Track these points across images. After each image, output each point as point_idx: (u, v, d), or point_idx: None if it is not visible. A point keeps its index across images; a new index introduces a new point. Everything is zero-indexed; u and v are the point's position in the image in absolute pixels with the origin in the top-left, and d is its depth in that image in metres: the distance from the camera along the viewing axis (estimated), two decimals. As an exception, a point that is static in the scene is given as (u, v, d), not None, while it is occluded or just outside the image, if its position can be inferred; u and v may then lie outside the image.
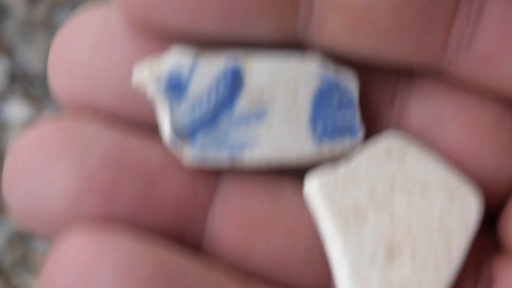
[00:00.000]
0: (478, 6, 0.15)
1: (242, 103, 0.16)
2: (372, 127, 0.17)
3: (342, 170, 0.16)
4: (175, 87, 0.15)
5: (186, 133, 0.15)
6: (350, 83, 0.16)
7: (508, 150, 0.17)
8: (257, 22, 0.15)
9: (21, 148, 0.15)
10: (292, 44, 0.16)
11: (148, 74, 0.15)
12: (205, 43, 0.16)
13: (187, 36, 0.16)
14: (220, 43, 0.16)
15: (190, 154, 0.16)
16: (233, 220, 0.16)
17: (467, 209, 0.16)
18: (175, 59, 0.15)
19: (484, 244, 0.17)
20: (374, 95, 0.17)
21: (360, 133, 0.16)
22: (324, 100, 0.16)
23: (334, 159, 0.16)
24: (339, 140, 0.16)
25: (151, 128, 0.16)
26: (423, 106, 0.17)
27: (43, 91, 0.64)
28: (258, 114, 0.16)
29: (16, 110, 0.62)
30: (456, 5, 0.15)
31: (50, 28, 0.61)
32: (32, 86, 0.62)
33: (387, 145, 0.16)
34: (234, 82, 0.16)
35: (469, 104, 0.17)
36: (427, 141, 0.17)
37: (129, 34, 0.16)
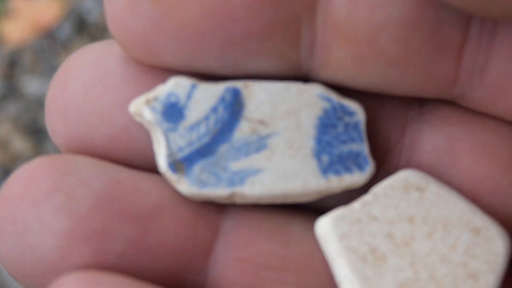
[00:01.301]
0: (490, 32, 0.15)
1: (242, 132, 0.15)
2: (383, 160, 0.16)
3: (356, 208, 0.15)
4: (172, 114, 0.15)
5: (182, 165, 0.15)
6: (356, 112, 0.15)
7: None
8: (257, 57, 0.15)
9: (11, 185, 0.15)
10: (296, 77, 0.15)
11: (144, 102, 0.15)
12: (204, 77, 0.15)
13: (186, 71, 0.15)
14: (220, 77, 0.15)
15: (187, 188, 0.15)
16: (238, 263, 0.15)
17: (493, 247, 0.15)
18: (172, 86, 0.15)
19: None
20: (384, 126, 0.16)
21: (370, 167, 0.15)
22: (328, 128, 0.15)
23: (344, 195, 0.15)
24: (348, 174, 0.15)
25: (147, 166, 0.15)
26: (436, 137, 0.16)
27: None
28: (259, 144, 0.15)
29: None
30: (465, 33, 0.15)
31: None
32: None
33: (404, 182, 0.15)
34: (234, 104, 0.15)
35: (484, 134, 0.16)
36: (441, 175, 0.16)
37: (121, 72, 0.15)
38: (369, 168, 0.15)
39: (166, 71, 0.15)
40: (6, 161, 0.59)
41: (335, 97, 0.15)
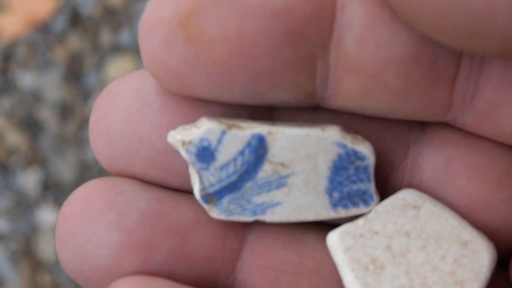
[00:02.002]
0: (478, 66, 0.16)
1: (265, 171, 0.17)
2: (388, 178, 0.18)
3: (360, 224, 0.17)
4: (204, 156, 0.17)
5: (213, 198, 0.17)
6: (367, 156, 0.17)
7: None
8: (279, 90, 0.16)
9: (71, 204, 0.17)
10: (312, 106, 0.17)
11: (181, 143, 0.17)
12: (232, 108, 0.17)
13: (216, 101, 0.17)
14: (248, 106, 0.17)
15: (216, 215, 0.17)
16: (260, 269, 0.17)
17: (479, 258, 0.17)
18: (205, 132, 0.17)
19: (499, 286, 0.18)
20: (389, 147, 0.18)
21: (374, 203, 0.17)
22: (341, 170, 0.17)
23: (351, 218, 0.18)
24: (354, 208, 0.17)
25: (183, 185, 0.18)
26: (435, 158, 0.18)
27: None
28: (280, 182, 0.17)
29: (48, 215, 0.64)
30: (457, 66, 0.16)
31: (80, 142, 0.63)
32: (62, 194, 0.64)
33: (402, 200, 0.17)
34: (259, 148, 0.17)
35: (478, 156, 0.17)
36: (440, 194, 0.18)
37: (159, 101, 0.17)
38: (373, 203, 0.17)
39: (199, 101, 0.17)
40: (1, 155, 0.60)
41: (349, 143, 0.17)
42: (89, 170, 0.65)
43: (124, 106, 0.17)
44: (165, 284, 0.16)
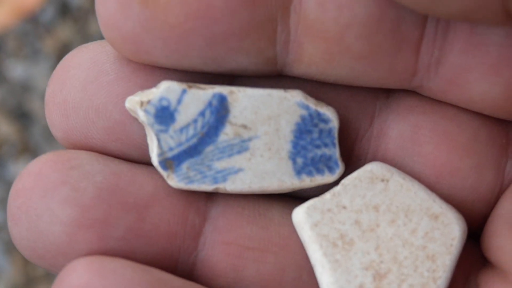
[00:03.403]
0: (443, 29, 0.16)
1: (226, 134, 0.16)
2: (353, 147, 0.18)
3: (327, 199, 0.17)
4: (163, 117, 0.16)
5: (172, 163, 0.16)
6: (331, 119, 0.17)
7: (484, 165, 0.17)
8: (238, 55, 0.16)
9: (23, 178, 0.16)
10: (274, 73, 0.17)
11: (139, 103, 0.16)
12: (191, 76, 0.17)
13: (174, 67, 0.16)
14: (206, 75, 0.17)
15: (175, 183, 0.16)
16: (223, 245, 0.17)
17: (450, 231, 0.16)
18: (164, 91, 0.16)
19: (471, 259, 0.17)
20: (354, 115, 0.17)
21: (340, 169, 0.17)
22: (304, 133, 0.17)
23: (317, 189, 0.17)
24: (319, 175, 0.17)
25: (141, 156, 0.17)
26: (401, 126, 0.17)
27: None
28: (241, 146, 0.16)
29: None
30: (422, 29, 0.16)
31: None
32: None
33: (370, 173, 0.17)
34: (220, 109, 0.16)
35: (445, 122, 0.17)
36: (406, 162, 0.17)
37: (115, 70, 0.17)
38: (339, 170, 0.17)
39: (156, 69, 0.17)
40: (-8, 146, 0.60)
41: (313, 105, 0.17)
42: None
43: (79, 77, 0.17)
44: (123, 264, 0.16)
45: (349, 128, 0.17)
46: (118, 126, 0.17)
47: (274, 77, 0.17)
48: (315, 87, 0.17)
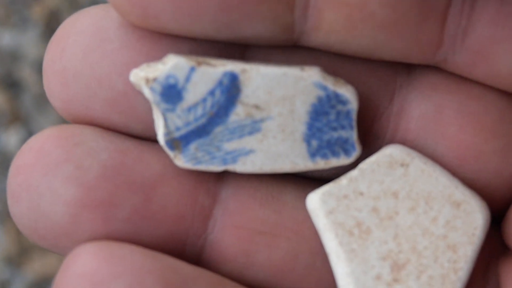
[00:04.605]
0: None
1: (237, 114, 0.15)
2: (371, 126, 0.17)
3: (344, 184, 0.16)
4: (170, 95, 0.15)
5: (179, 143, 0.15)
6: (350, 100, 0.16)
7: (510, 149, 0.16)
8: (253, 21, 0.15)
9: (24, 154, 0.16)
10: (290, 43, 0.16)
11: (144, 80, 0.15)
12: (202, 42, 0.16)
13: (183, 34, 0.15)
14: (217, 43, 0.16)
15: (182, 163, 0.16)
16: (234, 228, 0.16)
17: (472, 220, 0.16)
18: (171, 68, 0.15)
19: (491, 246, 0.17)
20: (373, 92, 0.16)
21: (356, 154, 0.16)
22: (320, 115, 0.16)
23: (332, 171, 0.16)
24: (334, 158, 0.16)
25: (145, 131, 0.16)
26: (424, 105, 0.16)
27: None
28: (253, 127, 0.16)
29: None
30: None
31: None
32: None
33: (389, 158, 0.16)
34: (232, 88, 0.15)
35: (470, 101, 0.16)
36: (428, 143, 0.16)
37: (120, 37, 0.16)
38: (356, 154, 0.16)
39: (163, 37, 0.16)
40: (-18, 115, 0.59)
41: (331, 85, 0.16)
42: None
43: (81, 44, 0.16)
44: (132, 250, 0.15)
45: (367, 105, 0.16)
46: (122, 97, 0.16)
47: (289, 48, 0.16)
48: (332, 60, 0.16)
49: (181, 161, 0.16)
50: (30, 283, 0.66)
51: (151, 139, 0.16)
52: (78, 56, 0.16)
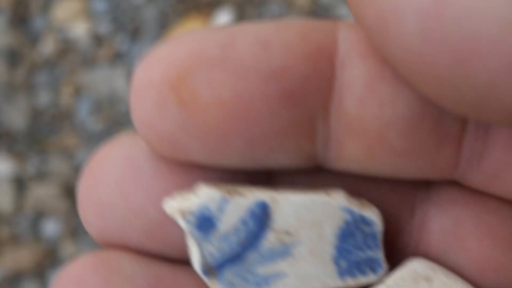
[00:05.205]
0: (485, 126, 0.16)
1: (269, 241, 0.16)
2: (395, 239, 0.17)
3: None
4: (205, 226, 0.16)
5: (214, 271, 0.16)
6: (375, 222, 0.16)
7: None
8: (277, 153, 0.16)
9: (63, 283, 0.16)
10: (312, 168, 0.16)
11: (179, 212, 0.16)
12: (229, 173, 0.16)
13: (212, 166, 0.16)
14: (244, 172, 0.16)
15: None
16: None
17: None
18: (204, 199, 0.16)
19: None
20: (395, 207, 0.17)
21: (383, 272, 0.17)
22: (348, 237, 0.16)
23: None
24: (362, 276, 0.16)
25: (180, 256, 0.16)
26: (443, 219, 0.17)
27: (26, 146, 0.64)
28: (284, 251, 0.16)
29: (2, 165, 0.62)
30: (463, 125, 0.16)
31: (30, 88, 0.61)
32: (15, 143, 0.63)
33: (413, 272, 0.16)
34: (263, 216, 0.16)
35: (487, 215, 0.17)
36: (449, 256, 0.17)
37: (151, 168, 0.16)
38: (382, 271, 0.17)
39: (193, 167, 0.16)
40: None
41: (356, 208, 0.16)
42: (41, 116, 0.63)
43: (114, 175, 0.16)
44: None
45: (390, 222, 0.17)
46: (157, 226, 0.16)
47: (312, 171, 0.17)
48: (354, 180, 0.17)
49: (218, 286, 0.16)
50: (1, 277, 0.66)
51: (185, 261, 0.17)
52: (112, 187, 0.16)
